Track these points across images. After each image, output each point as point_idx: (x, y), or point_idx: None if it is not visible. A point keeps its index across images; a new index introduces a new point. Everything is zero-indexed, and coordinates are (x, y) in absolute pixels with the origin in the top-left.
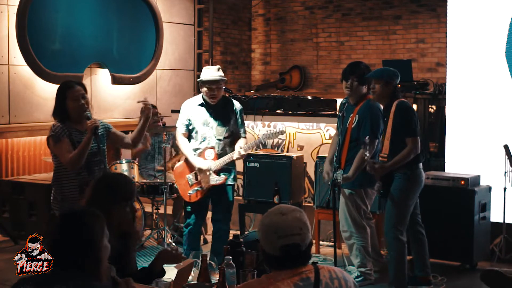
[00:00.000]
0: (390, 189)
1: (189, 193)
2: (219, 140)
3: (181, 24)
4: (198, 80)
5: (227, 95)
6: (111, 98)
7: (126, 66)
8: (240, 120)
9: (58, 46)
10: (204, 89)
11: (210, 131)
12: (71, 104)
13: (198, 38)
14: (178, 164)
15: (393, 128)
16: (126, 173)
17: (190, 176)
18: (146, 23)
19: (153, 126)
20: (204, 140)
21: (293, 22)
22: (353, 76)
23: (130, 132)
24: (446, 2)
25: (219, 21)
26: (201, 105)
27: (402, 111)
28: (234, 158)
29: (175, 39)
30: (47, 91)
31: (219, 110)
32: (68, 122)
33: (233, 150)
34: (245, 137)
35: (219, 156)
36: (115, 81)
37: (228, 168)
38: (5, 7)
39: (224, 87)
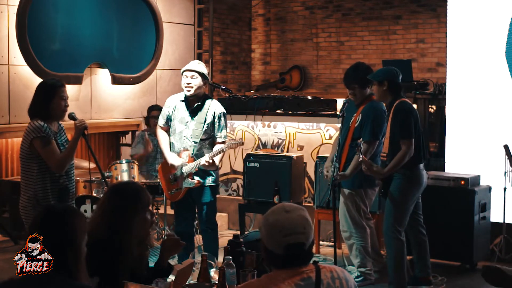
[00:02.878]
0: (389, 189)
1: (170, 193)
2: (195, 142)
3: (181, 24)
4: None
5: (227, 95)
6: (111, 98)
7: (126, 66)
8: (218, 124)
9: (58, 46)
10: (182, 80)
11: (186, 130)
12: (57, 102)
13: (198, 38)
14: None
15: (391, 129)
16: (126, 173)
17: (171, 177)
18: (146, 23)
19: None
20: (181, 139)
21: (293, 22)
22: (354, 84)
23: (131, 132)
24: (446, 2)
25: (219, 21)
26: (182, 101)
27: (399, 112)
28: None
29: (175, 39)
30: None
31: (198, 110)
32: (46, 122)
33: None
34: (222, 142)
35: (194, 158)
36: (115, 81)
37: (207, 171)
38: (5, 7)
39: (223, 87)
